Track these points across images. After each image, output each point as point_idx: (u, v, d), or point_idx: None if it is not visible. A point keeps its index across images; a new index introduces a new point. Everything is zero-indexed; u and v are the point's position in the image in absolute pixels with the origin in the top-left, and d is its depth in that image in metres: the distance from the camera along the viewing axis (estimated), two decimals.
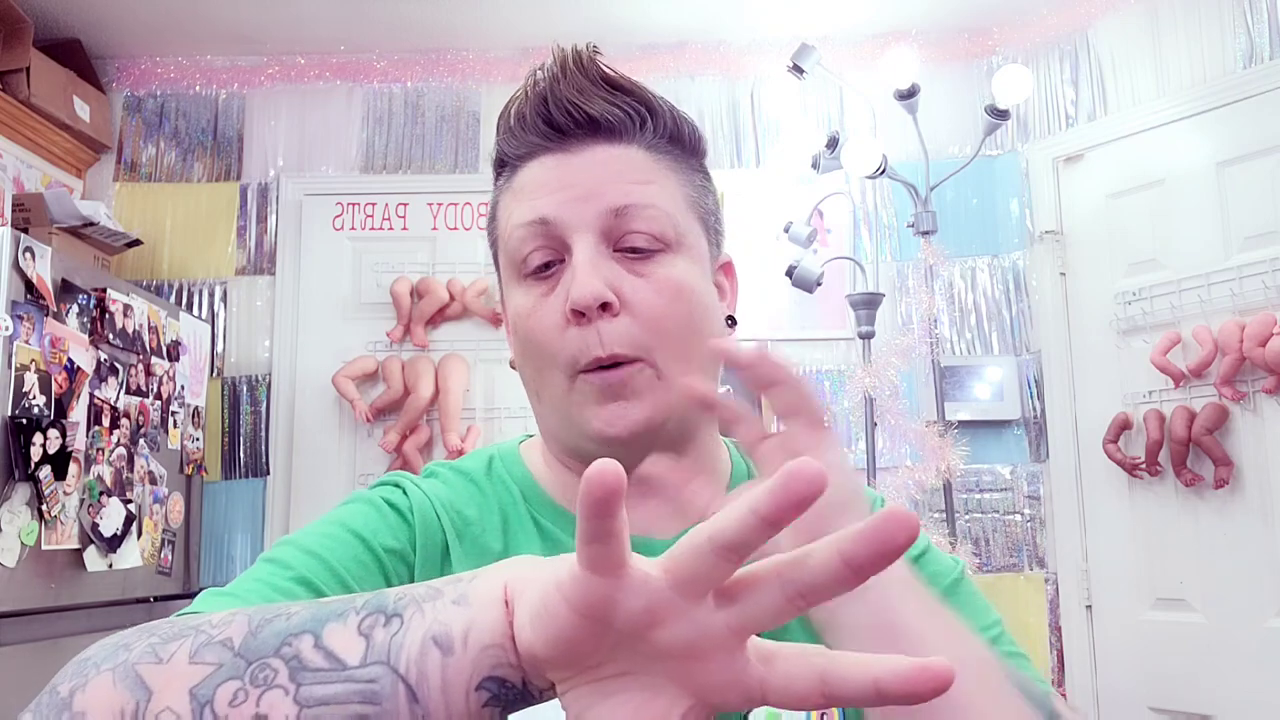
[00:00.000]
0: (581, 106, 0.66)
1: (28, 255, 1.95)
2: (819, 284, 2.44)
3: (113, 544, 2.14)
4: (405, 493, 0.69)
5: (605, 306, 0.63)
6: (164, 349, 2.41)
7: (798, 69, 2.45)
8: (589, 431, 0.64)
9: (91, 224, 2.48)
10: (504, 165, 0.71)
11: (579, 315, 0.63)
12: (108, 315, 2.17)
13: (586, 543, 0.33)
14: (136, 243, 2.67)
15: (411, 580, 0.64)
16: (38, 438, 1.92)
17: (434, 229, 2.87)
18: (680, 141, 0.70)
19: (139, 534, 2.25)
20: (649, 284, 0.65)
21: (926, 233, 2.47)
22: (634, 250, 0.65)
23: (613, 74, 0.68)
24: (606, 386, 0.64)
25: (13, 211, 2.41)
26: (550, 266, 0.66)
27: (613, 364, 0.63)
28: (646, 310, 0.64)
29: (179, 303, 2.79)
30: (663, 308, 0.65)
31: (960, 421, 2.62)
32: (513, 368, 0.74)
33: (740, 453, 0.77)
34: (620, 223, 0.65)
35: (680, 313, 0.65)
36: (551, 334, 0.65)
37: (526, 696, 0.39)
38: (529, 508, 0.70)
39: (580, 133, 0.67)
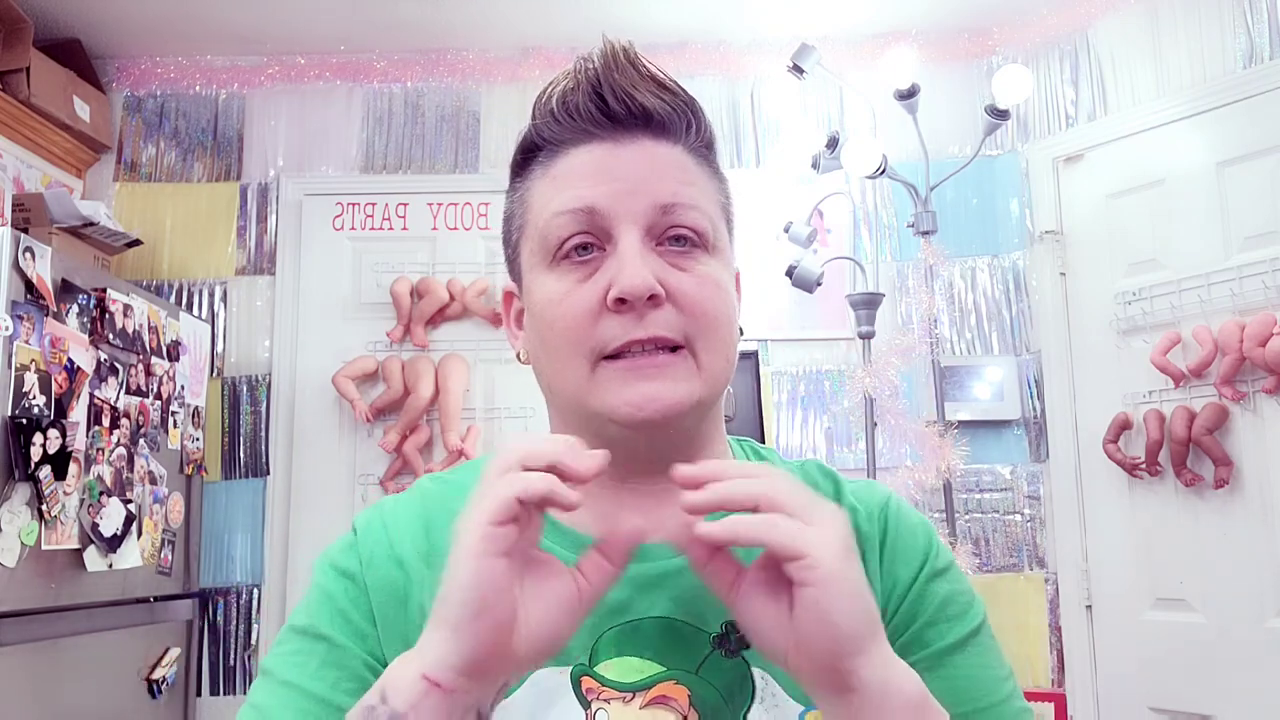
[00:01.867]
0: (636, 98, 0.66)
1: (28, 255, 1.95)
2: (819, 284, 2.44)
3: (113, 544, 2.14)
4: (358, 541, 0.68)
5: (651, 298, 0.62)
6: (164, 349, 2.41)
7: (798, 69, 2.45)
8: (617, 415, 0.63)
9: (91, 224, 2.48)
10: (537, 150, 0.70)
11: (621, 303, 0.62)
12: (108, 315, 2.17)
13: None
14: (136, 243, 2.67)
15: (380, 648, 0.65)
16: (38, 438, 1.92)
17: (434, 229, 2.87)
18: (712, 148, 0.71)
19: (139, 534, 2.25)
20: (692, 278, 0.65)
21: (926, 233, 2.47)
22: (677, 242, 0.65)
23: (659, 72, 0.68)
24: (639, 369, 0.63)
25: (13, 211, 2.41)
26: (587, 251, 0.65)
27: (650, 349, 0.63)
28: (689, 302, 0.64)
29: (179, 303, 2.79)
30: (704, 302, 0.65)
31: (960, 421, 2.62)
32: (520, 362, 0.72)
33: (745, 449, 0.76)
34: (665, 219, 0.65)
35: (717, 309, 0.66)
36: (583, 320, 0.64)
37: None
38: None
39: (633, 124, 0.66)
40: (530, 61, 2.91)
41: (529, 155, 0.71)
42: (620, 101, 0.66)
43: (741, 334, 0.73)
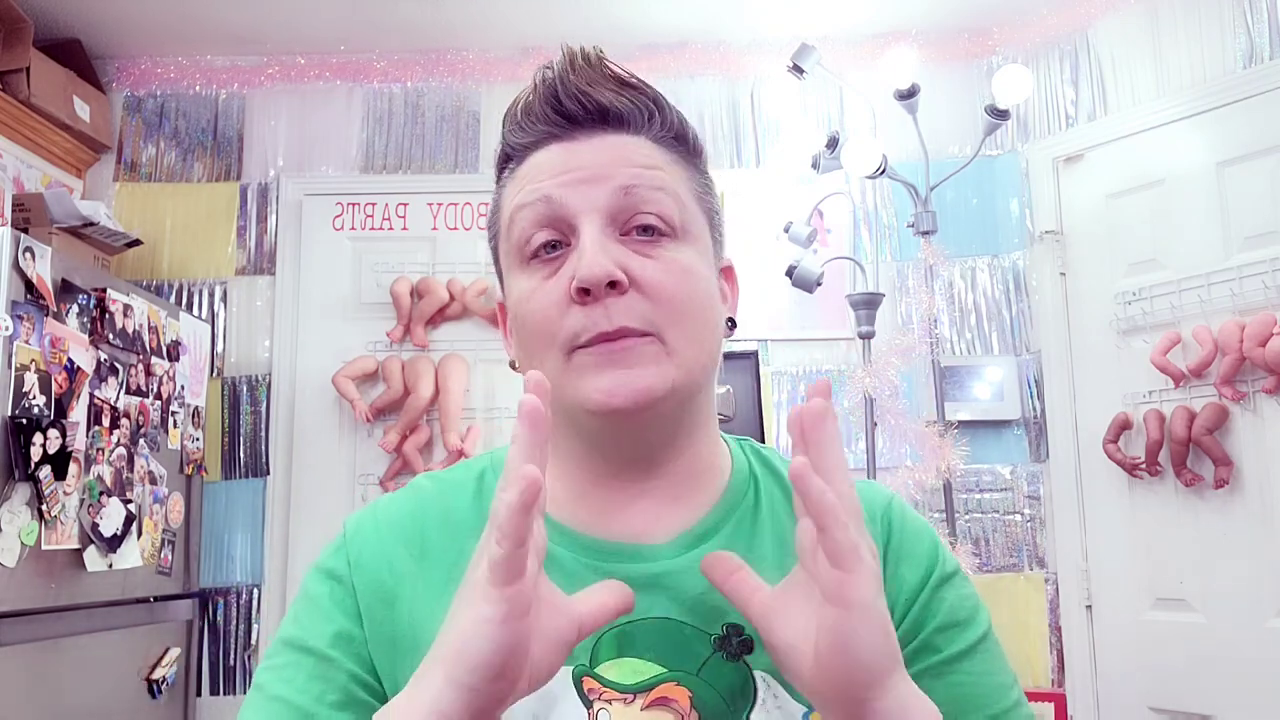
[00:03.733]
0: (591, 95, 0.66)
1: (28, 255, 1.95)
2: (819, 284, 2.44)
3: (113, 544, 2.14)
4: (346, 542, 0.69)
5: (614, 285, 0.62)
6: (164, 349, 2.41)
7: (798, 69, 2.45)
8: (589, 403, 0.62)
9: (91, 224, 2.48)
10: (509, 160, 0.71)
11: (584, 294, 0.62)
12: (108, 315, 2.17)
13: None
14: (136, 243, 2.67)
15: (368, 649, 0.64)
16: (38, 438, 1.92)
17: (434, 229, 2.87)
18: (685, 140, 0.70)
19: (139, 534, 2.25)
20: (658, 264, 0.64)
21: (926, 233, 2.47)
22: (643, 230, 0.65)
23: (621, 72, 0.69)
24: (608, 355, 0.62)
25: (13, 211, 2.41)
26: (555, 249, 0.65)
27: (618, 336, 0.62)
28: (656, 289, 0.63)
29: (179, 303, 2.79)
30: (672, 287, 0.64)
31: (960, 421, 2.61)
32: (513, 369, 0.72)
33: (745, 450, 0.75)
34: (629, 203, 0.64)
35: (689, 295, 0.64)
36: (550, 313, 0.63)
37: None
38: None
39: (589, 122, 0.67)
40: (530, 61, 2.91)
41: (502, 167, 0.72)
42: (574, 100, 0.66)
43: (733, 327, 0.71)
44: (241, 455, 2.76)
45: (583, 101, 0.66)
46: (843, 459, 0.54)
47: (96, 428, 2.12)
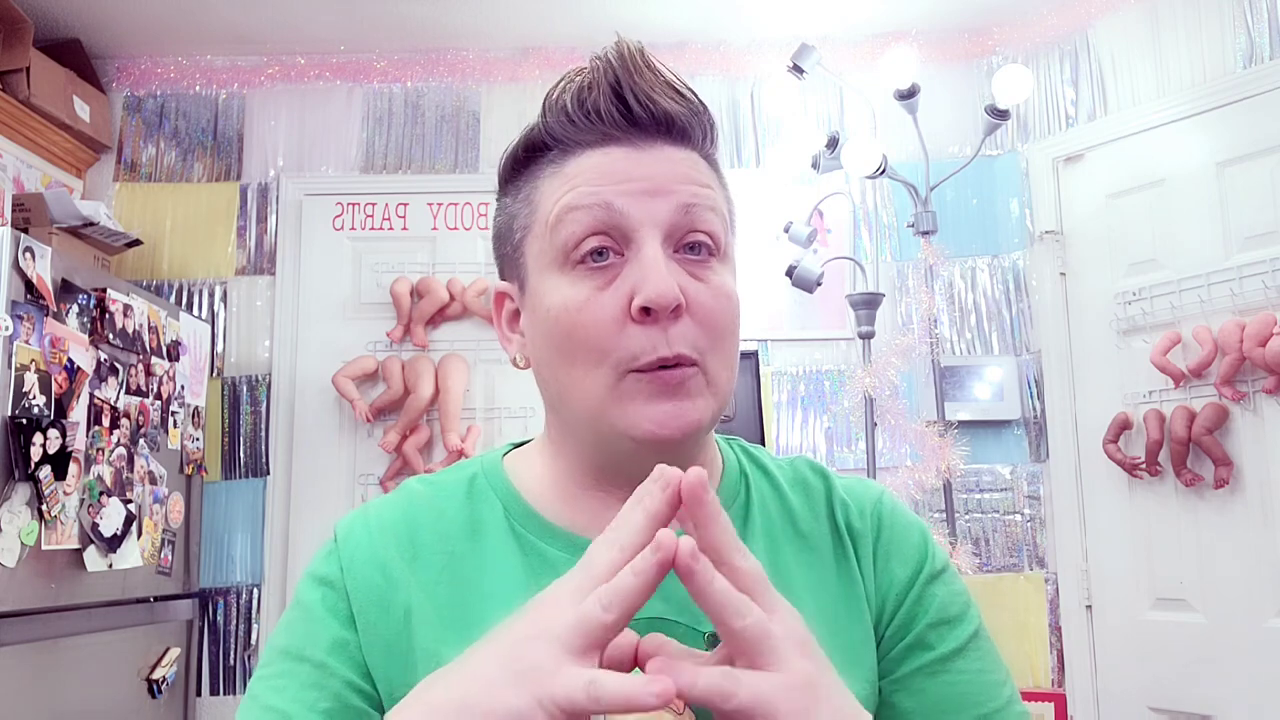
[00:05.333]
0: (659, 104, 0.65)
1: (28, 255, 1.95)
2: (819, 284, 2.44)
3: (113, 544, 2.14)
4: (338, 547, 0.68)
5: (674, 310, 0.62)
6: (164, 349, 2.41)
7: (798, 69, 2.45)
8: (636, 431, 0.62)
9: (91, 224, 2.48)
10: (545, 149, 0.68)
11: (645, 314, 0.61)
12: (108, 315, 2.16)
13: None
14: (136, 243, 2.67)
15: (361, 654, 0.64)
16: (38, 438, 1.92)
17: (434, 229, 2.87)
18: (717, 160, 0.71)
19: (139, 534, 2.25)
20: (708, 289, 0.64)
21: (926, 233, 2.47)
22: (693, 249, 0.65)
23: (674, 78, 0.68)
24: (664, 386, 0.62)
25: (13, 211, 2.41)
26: (603, 256, 0.64)
27: (673, 364, 0.62)
28: (706, 314, 0.64)
29: (179, 303, 2.79)
30: (720, 314, 0.64)
31: (960, 421, 2.62)
32: (517, 366, 0.71)
33: (735, 449, 0.76)
34: (687, 220, 0.64)
35: (729, 321, 0.66)
36: (608, 329, 0.62)
37: None
38: (510, 521, 0.69)
39: (653, 129, 0.66)
40: (530, 61, 2.91)
41: (535, 154, 0.69)
42: (643, 106, 0.65)
43: None
44: (241, 455, 2.76)
45: (651, 109, 0.65)
46: (730, 531, 0.50)
47: (96, 428, 2.12)
